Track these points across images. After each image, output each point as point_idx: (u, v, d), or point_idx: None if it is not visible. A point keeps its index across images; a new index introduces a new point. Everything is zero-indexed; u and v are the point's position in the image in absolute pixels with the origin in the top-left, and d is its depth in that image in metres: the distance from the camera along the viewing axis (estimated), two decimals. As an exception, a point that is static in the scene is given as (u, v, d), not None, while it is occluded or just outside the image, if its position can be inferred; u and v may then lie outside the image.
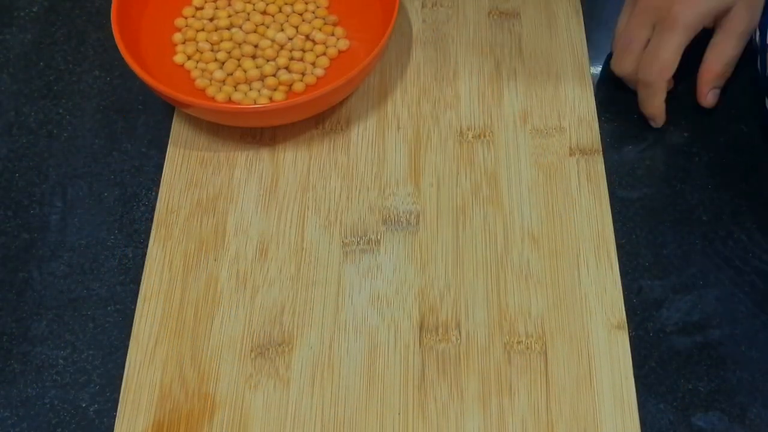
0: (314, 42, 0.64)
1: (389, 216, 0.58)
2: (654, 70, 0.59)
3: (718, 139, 0.61)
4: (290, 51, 0.63)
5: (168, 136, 0.62)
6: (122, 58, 0.58)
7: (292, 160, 0.60)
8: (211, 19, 0.65)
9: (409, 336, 0.53)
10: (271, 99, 0.61)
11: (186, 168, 0.60)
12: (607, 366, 0.52)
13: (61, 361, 0.53)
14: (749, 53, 0.60)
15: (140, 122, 0.63)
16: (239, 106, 0.59)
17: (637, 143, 0.61)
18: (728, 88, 0.62)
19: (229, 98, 0.61)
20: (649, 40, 0.59)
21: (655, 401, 0.51)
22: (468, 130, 0.61)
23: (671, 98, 0.60)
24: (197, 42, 0.63)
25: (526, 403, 0.51)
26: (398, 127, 0.62)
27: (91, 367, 0.53)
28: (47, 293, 0.56)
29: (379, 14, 0.64)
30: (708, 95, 0.60)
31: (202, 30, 0.64)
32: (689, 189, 0.59)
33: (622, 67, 0.61)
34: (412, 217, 0.58)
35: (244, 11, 0.65)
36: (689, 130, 0.62)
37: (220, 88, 0.61)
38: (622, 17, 0.62)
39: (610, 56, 0.63)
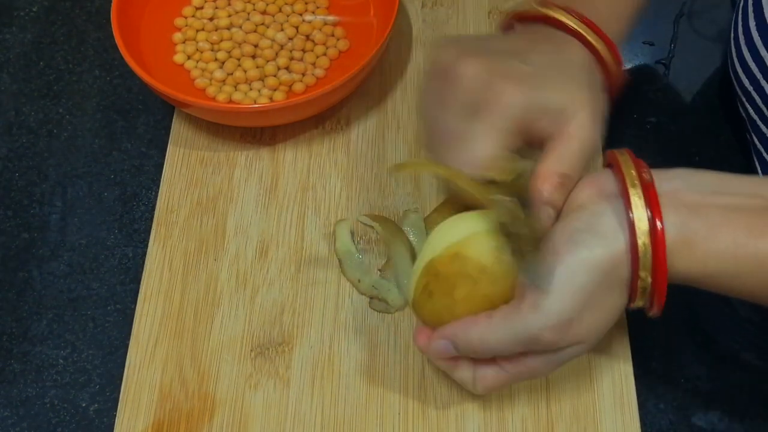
0: (314, 42, 0.64)
1: (389, 216, 0.58)
2: (459, 162, 0.46)
3: (718, 138, 0.61)
4: (290, 51, 0.63)
5: (168, 136, 0.62)
6: (122, 58, 0.58)
7: (292, 160, 0.60)
8: (211, 19, 0.65)
9: (409, 336, 0.53)
10: (271, 99, 0.61)
11: (186, 168, 0.60)
12: (607, 366, 0.52)
13: (61, 360, 0.53)
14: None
15: (140, 122, 0.63)
16: (239, 106, 0.59)
17: (637, 143, 0.61)
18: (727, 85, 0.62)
19: (229, 98, 0.61)
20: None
21: (655, 401, 0.51)
22: (468, 130, 0.61)
23: (675, 94, 0.60)
24: (197, 42, 0.63)
25: (526, 403, 0.51)
26: (398, 127, 0.62)
27: (91, 366, 0.53)
28: (47, 293, 0.56)
29: (379, 14, 0.64)
30: (541, 213, 0.44)
31: (202, 30, 0.64)
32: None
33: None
34: (412, 217, 0.58)
35: (244, 11, 0.65)
36: (689, 130, 0.62)
37: (220, 88, 0.61)
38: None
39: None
